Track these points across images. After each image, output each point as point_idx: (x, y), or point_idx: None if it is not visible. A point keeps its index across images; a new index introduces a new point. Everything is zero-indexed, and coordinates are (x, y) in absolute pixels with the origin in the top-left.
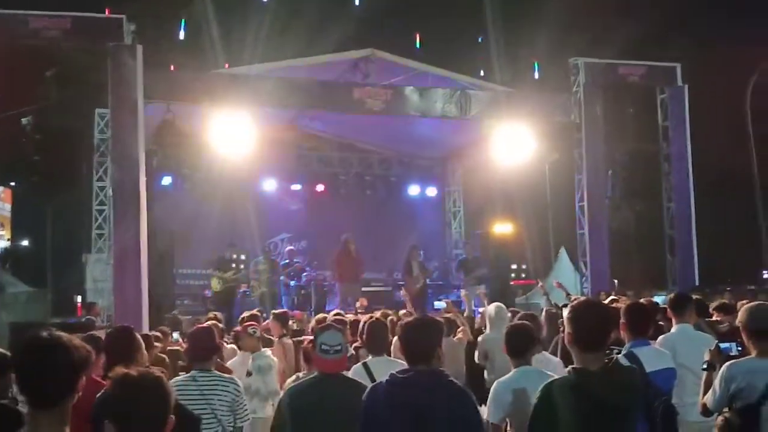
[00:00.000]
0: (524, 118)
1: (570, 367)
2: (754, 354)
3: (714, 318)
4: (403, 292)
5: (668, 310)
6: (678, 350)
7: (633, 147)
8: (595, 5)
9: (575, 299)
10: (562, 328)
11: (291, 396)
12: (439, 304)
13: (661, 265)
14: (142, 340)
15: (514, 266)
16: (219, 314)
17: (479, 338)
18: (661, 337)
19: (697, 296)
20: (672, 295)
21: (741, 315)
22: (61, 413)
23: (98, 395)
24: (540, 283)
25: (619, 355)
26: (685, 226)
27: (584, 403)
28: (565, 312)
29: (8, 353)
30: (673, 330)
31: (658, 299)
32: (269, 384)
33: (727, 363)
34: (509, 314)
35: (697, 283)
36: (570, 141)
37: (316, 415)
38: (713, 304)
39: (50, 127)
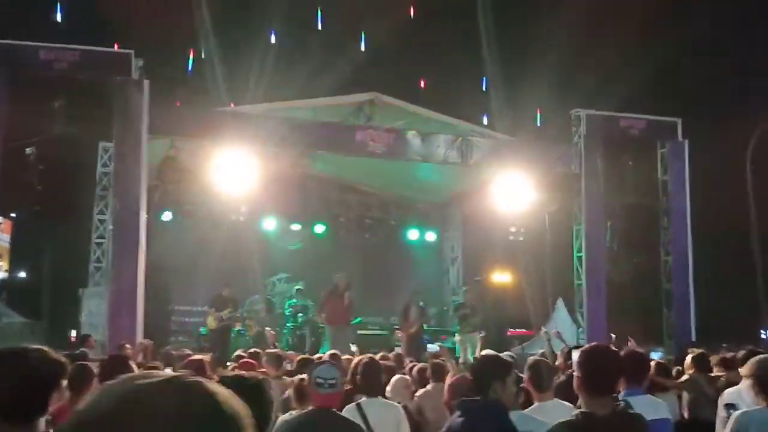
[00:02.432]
0: (525, 166)
1: (577, 411)
2: (764, 405)
3: (714, 373)
4: (399, 334)
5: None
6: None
7: (632, 200)
8: (599, 57)
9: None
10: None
11: (283, 428)
12: (432, 347)
13: (658, 319)
14: (136, 370)
15: (511, 315)
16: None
17: None
18: (728, 391)
19: (701, 350)
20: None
21: (751, 368)
22: (29, 429)
23: None
24: (544, 330)
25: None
26: (683, 281)
27: None
28: (575, 355)
29: None
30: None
31: (655, 355)
32: None
33: (739, 412)
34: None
35: (693, 338)
36: (570, 191)
37: None
38: (714, 358)
39: (54, 158)
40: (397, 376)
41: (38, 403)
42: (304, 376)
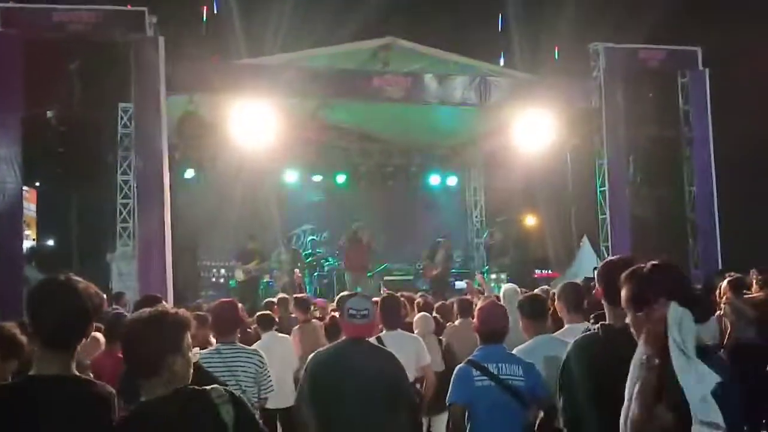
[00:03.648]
0: (544, 104)
1: (599, 323)
2: None
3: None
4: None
5: None
6: None
7: (654, 131)
8: None
9: None
10: None
11: (317, 359)
12: (460, 284)
13: (684, 250)
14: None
15: (536, 255)
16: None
17: None
18: None
19: (737, 275)
20: None
21: None
22: (69, 355)
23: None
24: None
25: None
26: (708, 211)
27: (611, 357)
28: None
29: None
30: None
31: None
32: None
33: None
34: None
35: (720, 268)
36: (591, 127)
37: (341, 378)
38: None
39: (74, 121)
40: (420, 314)
41: (78, 331)
42: (335, 313)
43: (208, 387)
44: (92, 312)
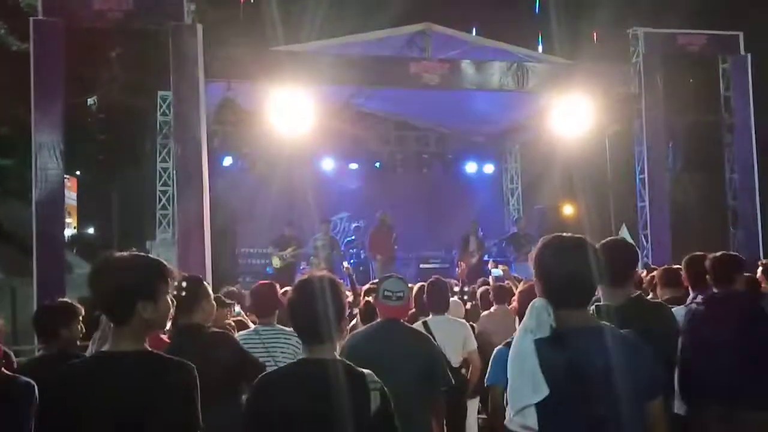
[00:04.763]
0: (583, 90)
1: (594, 304)
2: None
3: None
4: (461, 267)
5: None
6: None
7: (694, 117)
8: None
9: None
10: None
11: (354, 339)
12: (496, 272)
13: (724, 237)
14: (210, 291)
15: None
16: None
17: None
18: None
19: None
20: None
21: None
22: (133, 330)
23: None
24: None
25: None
26: (749, 198)
27: None
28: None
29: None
30: None
31: None
32: None
33: None
34: None
35: (761, 256)
36: (630, 112)
37: (376, 355)
38: None
39: (114, 108)
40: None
41: (125, 309)
42: (370, 298)
43: (365, 371)
44: (129, 289)
